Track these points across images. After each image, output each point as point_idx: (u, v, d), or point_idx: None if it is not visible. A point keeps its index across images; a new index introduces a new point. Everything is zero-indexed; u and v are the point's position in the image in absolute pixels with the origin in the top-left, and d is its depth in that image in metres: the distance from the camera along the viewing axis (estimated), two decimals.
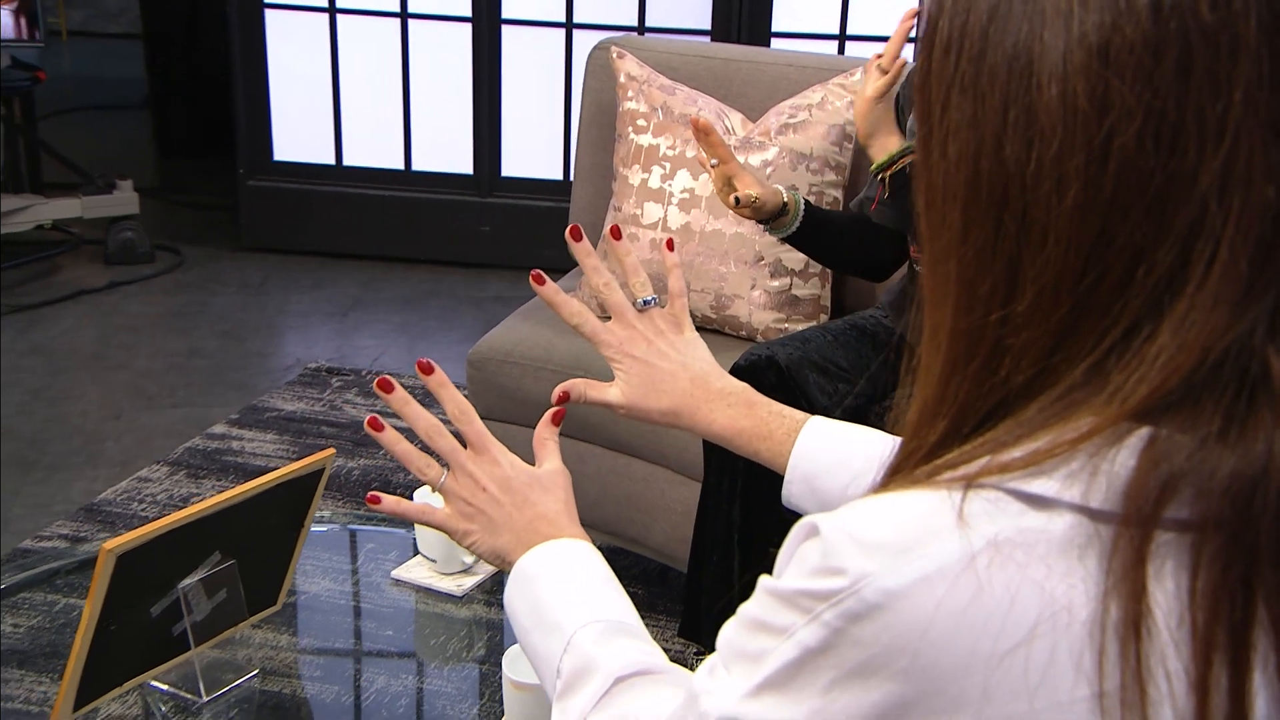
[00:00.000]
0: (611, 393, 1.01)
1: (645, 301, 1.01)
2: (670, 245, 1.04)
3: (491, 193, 4.08)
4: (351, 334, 3.59)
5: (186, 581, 1.29)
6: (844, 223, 1.74)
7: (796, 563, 0.58)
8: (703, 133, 1.59)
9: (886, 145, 1.67)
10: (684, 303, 1.03)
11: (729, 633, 0.62)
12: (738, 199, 1.60)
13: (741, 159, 2.16)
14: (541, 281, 0.97)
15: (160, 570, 1.27)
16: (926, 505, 0.55)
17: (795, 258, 2.15)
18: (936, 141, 0.57)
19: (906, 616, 0.53)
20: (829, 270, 2.19)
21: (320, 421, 2.96)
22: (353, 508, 2.55)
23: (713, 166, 1.63)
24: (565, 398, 1.00)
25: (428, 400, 2.41)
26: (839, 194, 2.20)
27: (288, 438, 2.88)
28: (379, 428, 0.91)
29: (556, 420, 0.96)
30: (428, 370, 0.91)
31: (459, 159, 4.08)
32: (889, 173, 1.66)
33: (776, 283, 2.17)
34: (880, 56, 1.63)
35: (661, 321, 1.02)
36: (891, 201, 1.68)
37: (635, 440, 2.10)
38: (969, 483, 0.55)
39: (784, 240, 1.72)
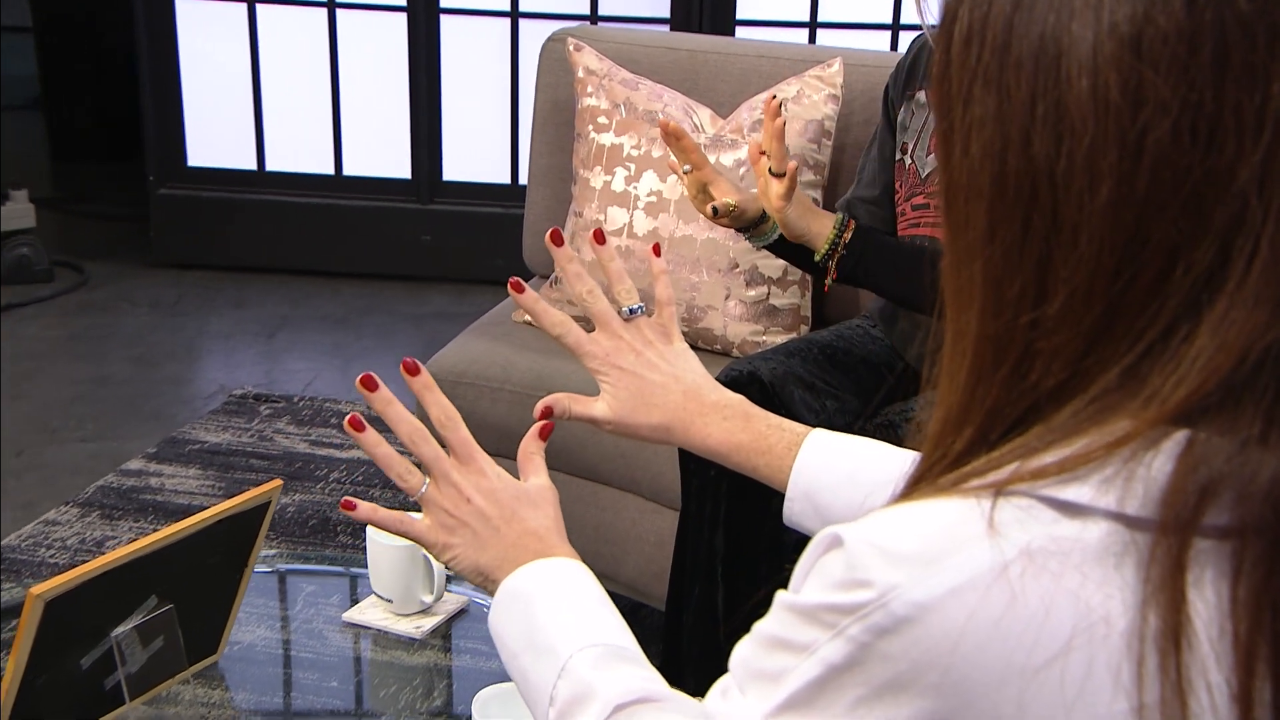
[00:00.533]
0: (598, 407, 1.04)
1: (632, 310, 1.04)
2: (657, 250, 1.07)
3: (432, 199, 4.10)
4: (280, 357, 3.59)
5: (120, 629, 1.29)
6: None
7: (818, 576, 0.60)
8: (673, 137, 1.62)
9: (821, 232, 1.69)
10: (673, 311, 1.07)
11: (744, 652, 0.65)
12: (715, 208, 1.64)
13: (713, 159, 2.20)
14: (521, 289, 1.00)
15: (91, 617, 1.27)
16: (955, 514, 0.58)
17: (773, 264, 2.19)
18: (958, 137, 0.61)
19: (937, 630, 0.56)
20: (809, 277, 2.23)
21: (249, 454, 2.96)
22: (289, 547, 2.55)
23: (685, 173, 1.66)
24: (549, 413, 1.02)
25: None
26: (818, 195, 2.25)
27: (213, 473, 2.87)
28: (360, 427, 0.92)
29: (544, 435, 0.99)
30: (413, 371, 0.93)
31: (395, 162, 4.09)
32: (836, 258, 1.68)
33: (753, 292, 2.20)
34: (764, 155, 1.62)
35: (650, 331, 1.05)
36: (842, 282, 1.71)
37: (602, 465, 2.12)
38: (998, 490, 0.58)
39: (766, 248, 1.76)
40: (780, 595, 0.63)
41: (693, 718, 0.69)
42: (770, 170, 1.63)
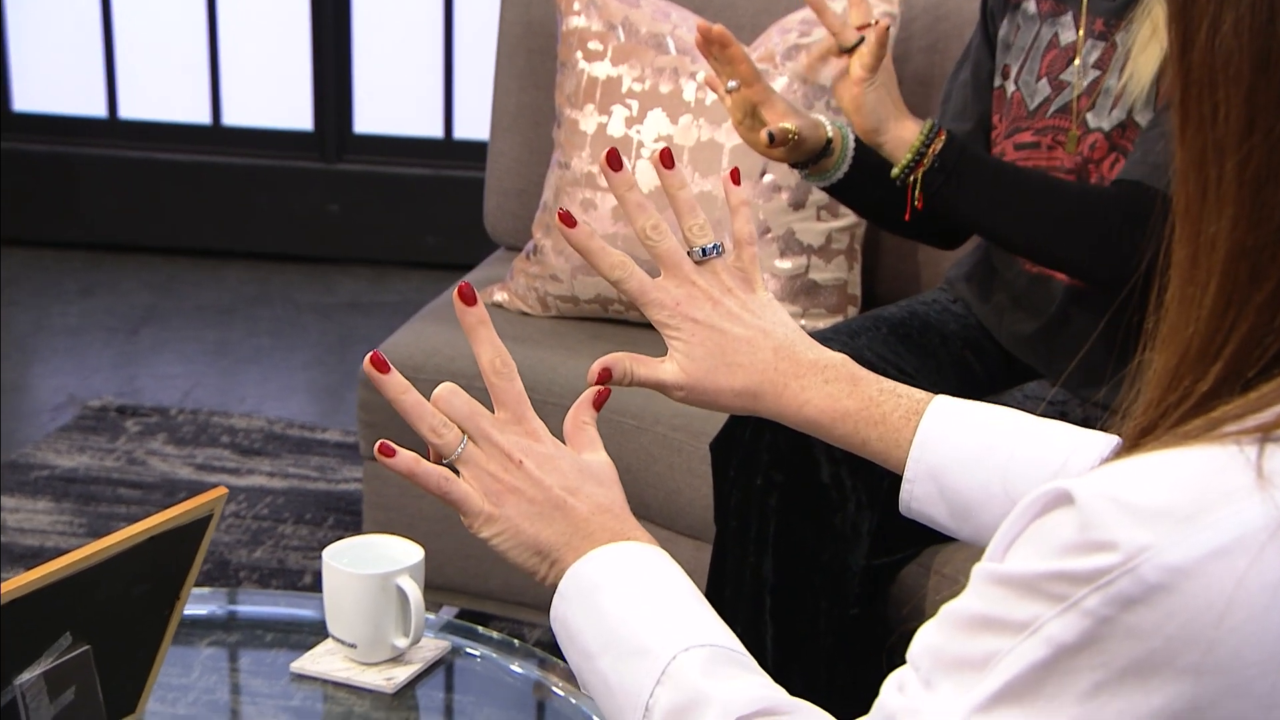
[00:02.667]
0: (666, 369, 1.08)
1: (705, 250, 1.08)
2: (735, 177, 1.11)
3: (341, 157, 4.11)
4: (147, 358, 3.59)
5: (25, 675, 1.31)
6: None
7: (1036, 539, 0.65)
8: (717, 43, 1.66)
9: (902, 135, 1.70)
10: (755, 252, 1.10)
11: (932, 639, 0.69)
12: (771, 134, 1.68)
13: None
14: (572, 223, 1.04)
15: None
16: (1212, 462, 0.62)
17: (812, 231, 2.24)
18: (1205, 8, 0.65)
19: (1198, 599, 0.60)
20: (859, 247, 2.28)
21: (116, 482, 2.97)
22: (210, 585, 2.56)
23: (729, 91, 1.70)
24: (607, 376, 1.06)
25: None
26: None
27: (70, 506, 2.88)
28: (384, 367, 0.97)
29: (599, 403, 1.03)
30: (470, 299, 0.98)
31: (292, 109, 4.10)
32: (920, 170, 1.70)
33: (788, 263, 2.25)
34: (828, 22, 1.66)
35: (728, 276, 1.09)
36: (928, 210, 1.72)
37: None
38: (1266, 434, 0.62)
39: (826, 189, 1.80)
40: (980, 566, 0.67)
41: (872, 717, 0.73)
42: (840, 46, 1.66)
